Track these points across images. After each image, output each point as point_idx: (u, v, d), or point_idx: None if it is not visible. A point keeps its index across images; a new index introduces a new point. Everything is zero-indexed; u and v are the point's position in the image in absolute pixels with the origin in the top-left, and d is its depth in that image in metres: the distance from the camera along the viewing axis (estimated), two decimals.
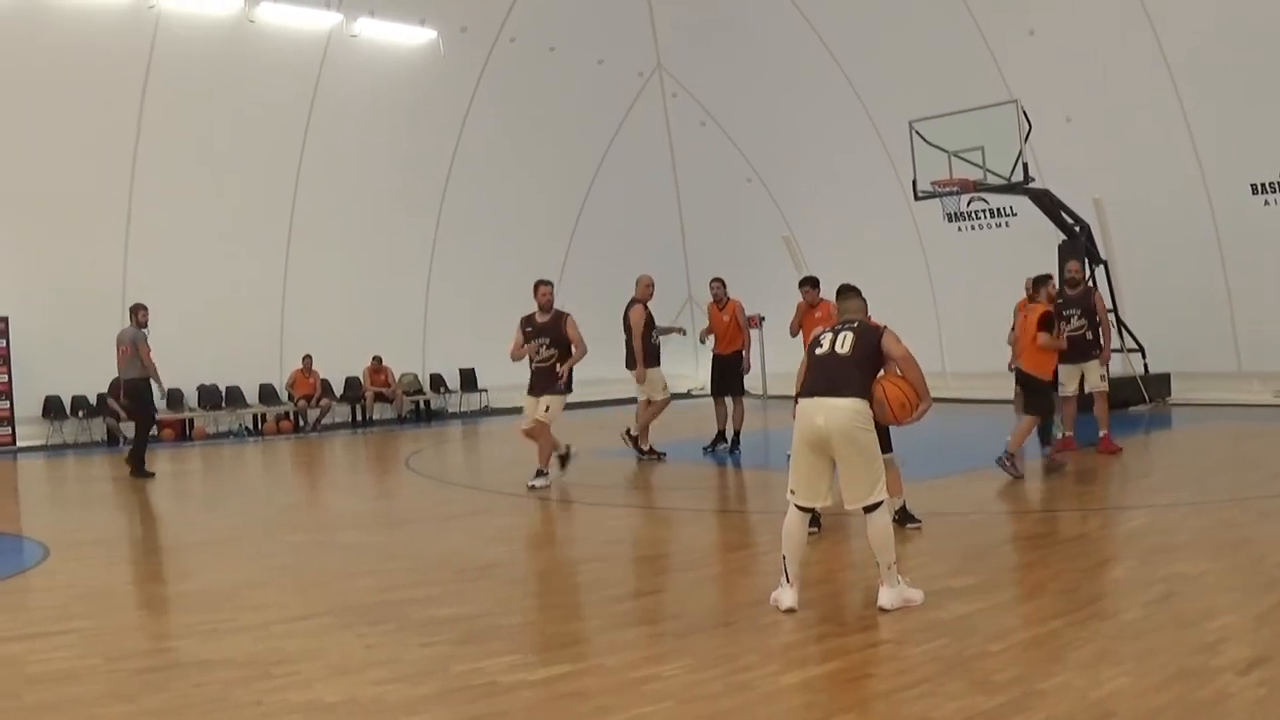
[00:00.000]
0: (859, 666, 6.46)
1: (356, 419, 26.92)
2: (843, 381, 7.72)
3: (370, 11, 25.18)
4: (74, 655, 7.14)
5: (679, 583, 8.83)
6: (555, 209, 29.49)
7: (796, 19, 25.92)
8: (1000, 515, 11.73)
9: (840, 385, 7.69)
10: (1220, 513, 10.75)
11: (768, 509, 12.81)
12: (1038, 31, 22.69)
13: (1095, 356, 15.55)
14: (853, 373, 7.78)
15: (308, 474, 19.15)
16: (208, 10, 23.29)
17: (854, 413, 7.61)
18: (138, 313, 17.71)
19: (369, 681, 6.45)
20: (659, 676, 6.33)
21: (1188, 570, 8.49)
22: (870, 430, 7.71)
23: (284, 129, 24.96)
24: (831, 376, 7.78)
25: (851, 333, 7.97)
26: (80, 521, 13.72)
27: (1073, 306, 15.63)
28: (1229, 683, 5.85)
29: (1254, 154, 21.04)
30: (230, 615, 8.10)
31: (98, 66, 22.26)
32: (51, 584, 9.62)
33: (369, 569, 9.70)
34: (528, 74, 27.39)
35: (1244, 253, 21.44)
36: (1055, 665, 6.27)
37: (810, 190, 28.57)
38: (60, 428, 23.55)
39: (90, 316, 22.60)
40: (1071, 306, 15.62)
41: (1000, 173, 20.40)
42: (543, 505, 13.29)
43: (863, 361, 7.85)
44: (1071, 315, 15.51)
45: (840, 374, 7.78)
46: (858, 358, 7.84)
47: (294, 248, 25.76)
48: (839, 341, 7.93)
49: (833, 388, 7.70)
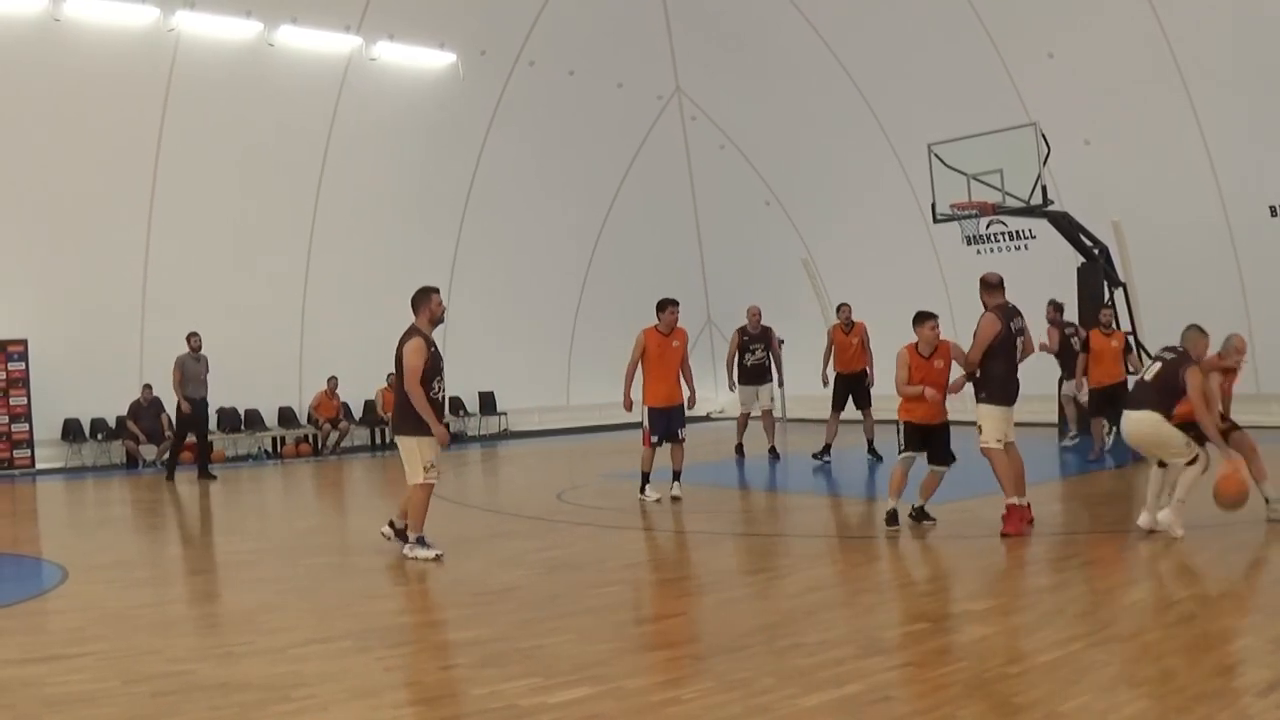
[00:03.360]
0: (878, 689, 6.43)
1: (375, 442, 26.92)
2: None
3: (390, 35, 25.28)
4: (92, 678, 7.15)
5: (698, 606, 8.82)
6: (574, 232, 29.50)
7: (815, 42, 25.95)
8: (1019, 538, 11.69)
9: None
10: (1239, 535, 10.70)
11: (785, 532, 12.82)
12: (1056, 55, 22.69)
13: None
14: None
15: (326, 497, 19.16)
16: (227, 33, 23.39)
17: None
18: (190, 339, 20.17)
19: (387, 705, 6.45)
20: (678, 700, 6.31)
21: (1207, 592, 8.46)
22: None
23: (303, 152, 25.02)
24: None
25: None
26: (99, 544, 13.75)
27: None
28: (1249, 705, 5.82)
29: (1273, 176, 21.01)
30: (248, 638, 8.11)
31: (117, 89, 22.35)
32: (70, 606, 9.63)
33: (387, 592, 9.72)
34: (547, 97, 27.44)
35: (1263, 275, 21.38)
36: (1075, 687, 6.23)
37: (829, 213, 28.55)
38: (79, 450, 23.59)
39: (110, 339, 22.71)
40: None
41: (1019, 195, 20.37)
42: (560, 528, 13.28)
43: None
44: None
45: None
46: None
47: (313, 271, 25.80)
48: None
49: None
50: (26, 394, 22.60)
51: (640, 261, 29.59)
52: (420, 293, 11.45)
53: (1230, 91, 20.94)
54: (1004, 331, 11.42)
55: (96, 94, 22.09)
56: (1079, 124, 22.28)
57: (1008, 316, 11.55)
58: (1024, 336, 11.68)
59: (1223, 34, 20.72)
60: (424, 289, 11.47)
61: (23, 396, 22.59)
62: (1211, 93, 21.18)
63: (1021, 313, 11.74)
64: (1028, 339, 11.82)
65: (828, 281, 29.40)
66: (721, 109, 29.32)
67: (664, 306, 15.09)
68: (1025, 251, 24.79)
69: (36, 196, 22.07)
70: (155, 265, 23.65)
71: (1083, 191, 22.24)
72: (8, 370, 22.51)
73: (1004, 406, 11.49)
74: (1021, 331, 11.64)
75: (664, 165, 30.24)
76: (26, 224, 22.13)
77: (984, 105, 22.67)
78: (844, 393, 18.85)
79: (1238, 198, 21.54)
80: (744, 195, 29.91)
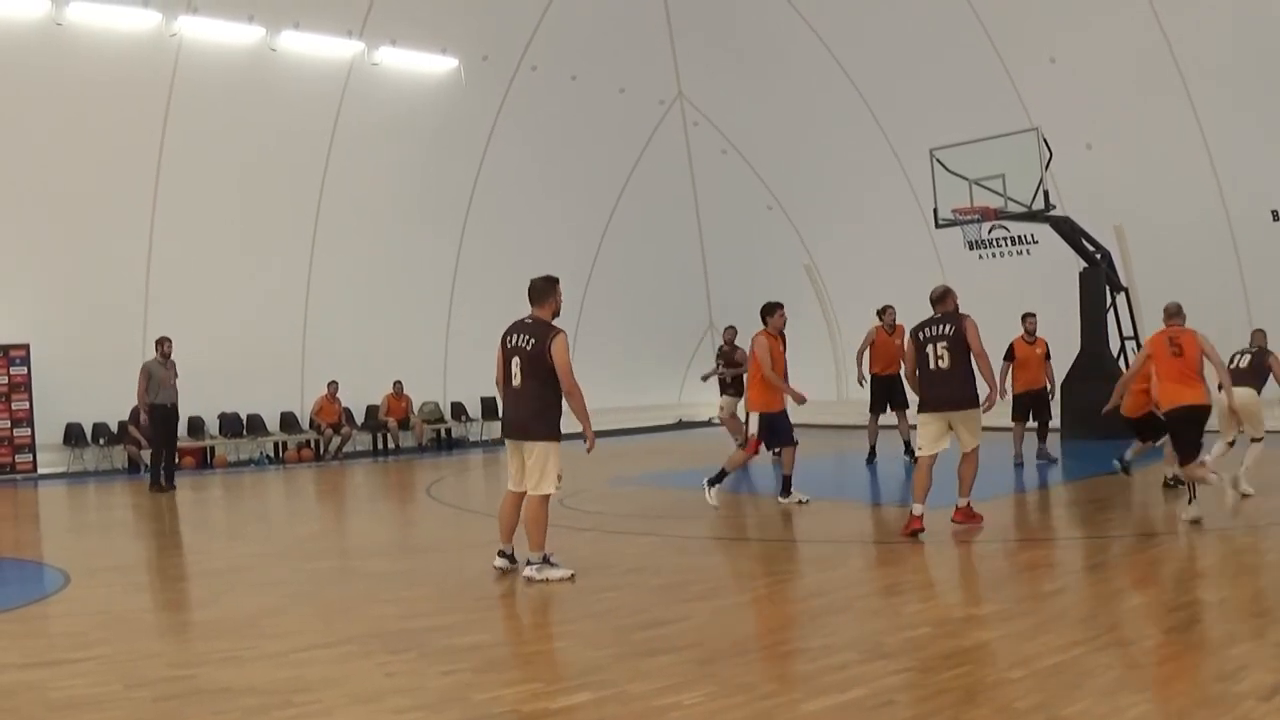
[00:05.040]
0: (880, 694, 6.42)
1: (378, 447, 26.95)
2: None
3: (392, 40, 25.29)
4: (94, 682, 7.15)
5: (700, 611, 8.81)
6: (577, 237, 29.46)
7: (817, 47, 25.95)
8: (1020, 542, 11.69)
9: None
10: (1240, 539, 10.72)
11: (787, 537, 12.81)
12: (1058, 59, 22.70)
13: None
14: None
15: (329, 502, 19.17)
16: (229, 38, 23.39)
17: None
18: (162, 344, 19.44)
19: (390, 710, 6.45)
20: (681, 705, 6.31)
21: (1208, 597, 8.46)
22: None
23: (306, 156, 25.01)
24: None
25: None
26: (101, 548, 13.76)
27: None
28: (1251, 709, 5.81)
29: (1275, 180, 21.00)
30: (251, 643, 8.11)
31: (119, 93, 22.34)
32: (72, 611, 9.64)
33: (390, 597, 9.71)
34: (549, 102, 27.45)
35: (1266, 279, 21.36)
36: (1076, 692, 6.23)
37: (831, 218, 28.55)
38: (81, 455, 23.59)
39: (112, 344, 22.68)
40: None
41: (1021, 200, 20.41)
42: (562, 534, 13.27)
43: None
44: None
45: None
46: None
47: (315, 276, 25.79)
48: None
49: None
50: (28, 398, 22.57)
51: (642, 266, 29.64)
52: (549, 282, 10.52)
53: (1231, 94, 20.93)
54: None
55: (99, 99, 22.07)
56: (1080, 128, 22.29)
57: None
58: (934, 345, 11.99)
59: (1223, 37, 20.72)
60: (552, 279, 10.56)
61: (24, 401, 22.56)
62: (1212, 96, 21.18)
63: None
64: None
65: (829, 286, 29.41)
66: (723, 113, 29.33)
67: (777, 309, 15.02)
68: (1027, 256, 24.77)
69: (39, 201, 22.07)
70: (157, 270, 23.63)
71: (1084, 196, 22.25)
72: (9, 374, 22.47)
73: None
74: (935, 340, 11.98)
75: (666, 170, 30.23)
76: (29, 229, 22.11)
77: (985, 110, 22.71)
78: (883, 395, 19.03)
79: (1239, 201, 21.52)
80: (746, 200, 29.91)
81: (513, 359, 10.28)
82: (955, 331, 11.72)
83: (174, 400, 19.57)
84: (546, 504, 10.21)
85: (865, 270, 27.05)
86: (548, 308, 10.36)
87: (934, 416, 11.85)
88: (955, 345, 11.68)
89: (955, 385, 11.70)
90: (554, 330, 10.14)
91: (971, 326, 11.77)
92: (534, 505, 10.18)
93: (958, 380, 11.69)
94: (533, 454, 10.17)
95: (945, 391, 11.75)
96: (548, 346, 10.02)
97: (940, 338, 11.81)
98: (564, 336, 10.14)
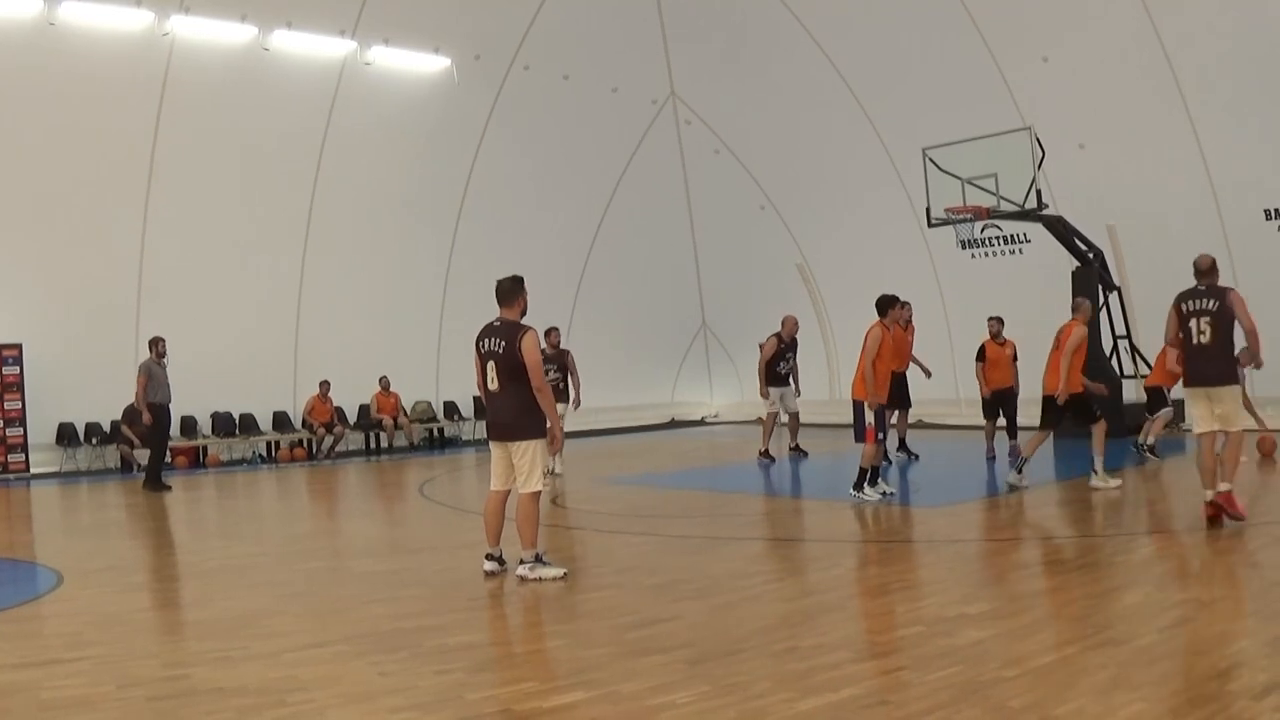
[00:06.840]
0: (874, 693, 6.43)
1: (370, 447, 26.93)
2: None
3: (385, 39, 25.30)
4: (87, 682, 7.14)
5: (692, 610, 8.81)
6: (569, 236, 29.50)
7: (810, 47, 25.98)
8: (1013, 541, 11.69)
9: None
10: (1233, 539, 10.71)
11: (780, 536, 12.80)
12: (1051, 59, 22.72)
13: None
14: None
15: (321, 501, 19.15)
16: (222, 37, 23.41)
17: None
18: (156, 344, 19.41)
19: (383, 710, 6.44)
20: (673, 704, 6.31)
21: (1201, 596, 8.46)
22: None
23: (298, 156, 25.04)
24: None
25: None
26: (93, 548, 13.72)
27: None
28: (1244, 708, 5.82)
29: (1267, 179, 21.03)
30: (244, 643, 8.10)
31: (112, 93, 22.38)
32: (65, 611, 9.62)
33: (383, 597, 9.70)
34: (542, 102, 27.47)
35: (1258, 278, 21.35)
36: (1070, 691, 6.23)
37: (823, 218, 28.58)
38: (74, 454, 23.60)
39: (104, 344, 22.70)
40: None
41: (1014, 199, 20.43)
42: (555, 532, 13.27)
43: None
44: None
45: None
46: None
47: (308, 275, 25.81)
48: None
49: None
50: (21, 398, 22.57)
51: (635, 265, 29.68)
52: (515, 282, 10.63)
53: (1224, 93, 20.97)
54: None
55: (91, 98, 22.08)
56: (1074, 128, 22.33)
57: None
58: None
59: (1217, 37, 20.75)
60: (519, 279, 10.67)
61: (17, 400, 22.56)
62: (1205, 95, 21.22)
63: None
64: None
65: (822, 285, 29.42)
66: (716, 113, 29.35)
67: (896, 302, 15.16)
68: (1020, 255, 24.82)
69: (31, 201, 22.08)
70: (150, 270, 23.64)
71: (1077, 195, 22.30)
72: (2, 374, 22.48)
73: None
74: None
75: (659, 169, 30.27)
76: (21, 228, 22.12)
77: (979, 109, 22.73)
78: (893, 392, 18.96)
79: (1233, 201, 21.55)
80: (739, 199, 29.94)
81: (488, 363, 10.41)
82: (1220, 307, 11.56)
83: (169, 400, 19.63)
84: (537, 500, 10.29)
85: (858, 270, 27.04)
86: (515, 307, 10.51)
87: (1195, 392, 11.76)
88: (1219, 320, 11.55)
89: (1214, 361, 11.58)
90: (523, 329, 10.28)
91: (1239, 301, 11.60)
92: (525, 503, 10.23)
93: (1218, 356, 11.58)
94: (522, 453, 10.29)
95: (1204, 367, 11.64)
96: (518, 345, 10.14)
97: (1204, 312, 11.70)
98: (534, 334, 10.27)
